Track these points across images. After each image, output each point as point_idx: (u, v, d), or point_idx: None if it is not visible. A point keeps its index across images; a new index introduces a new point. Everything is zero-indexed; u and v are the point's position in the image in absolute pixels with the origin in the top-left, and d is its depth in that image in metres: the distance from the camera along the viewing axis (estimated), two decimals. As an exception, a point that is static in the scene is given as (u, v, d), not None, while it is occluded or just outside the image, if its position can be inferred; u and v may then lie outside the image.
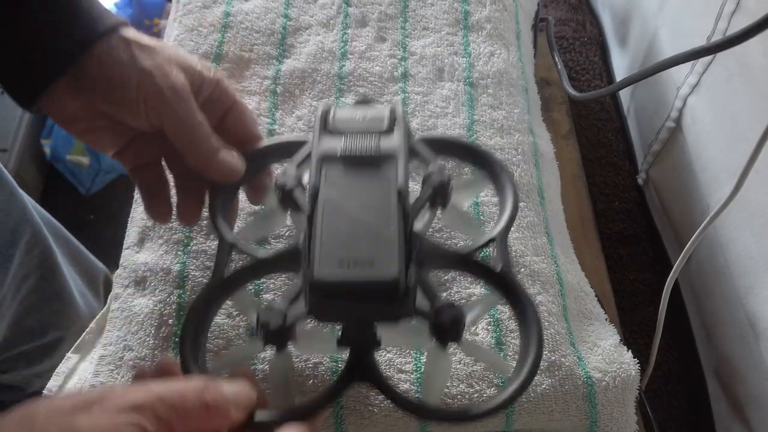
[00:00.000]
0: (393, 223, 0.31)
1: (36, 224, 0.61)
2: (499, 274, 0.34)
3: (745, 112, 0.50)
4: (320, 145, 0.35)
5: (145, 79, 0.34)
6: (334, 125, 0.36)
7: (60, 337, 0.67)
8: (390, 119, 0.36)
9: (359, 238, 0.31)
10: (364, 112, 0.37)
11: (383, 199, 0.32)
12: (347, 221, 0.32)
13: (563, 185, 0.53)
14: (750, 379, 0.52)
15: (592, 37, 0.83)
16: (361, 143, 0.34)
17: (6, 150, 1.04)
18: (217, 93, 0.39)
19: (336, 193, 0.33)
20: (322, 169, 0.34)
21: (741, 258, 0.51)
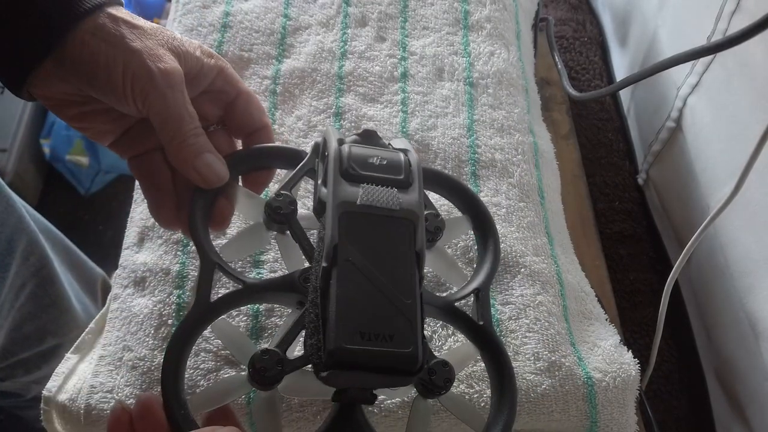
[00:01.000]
0: (412, 292, 0.31)
1: (32, 233, 0.61)
2: (480, 328, 0.34)
3: (745, 112, 0.50)
4: (338, 191, 0.32)
5: (133, 61, 0.31)
6: (351, 168, 0.33)
7: (58, 344, 0.67)
8: (406, 167, 0.34)
9: (379, 307, 0.30)
10: (381, 154, 0.35)
11: (402, 263, 0.31)
12: (366, 285, 0.30)
13: (563, 185, 0.53)
14: (750, 380, 0.52)
15: (592, 37, 0.83)
16: (382, 196, 0.33)
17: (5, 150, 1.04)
18: (220, 83, 0.36)
19: (355, 250, 0.31)
20: (341, 219, 0.32)
21: (741, 258, 0.51)
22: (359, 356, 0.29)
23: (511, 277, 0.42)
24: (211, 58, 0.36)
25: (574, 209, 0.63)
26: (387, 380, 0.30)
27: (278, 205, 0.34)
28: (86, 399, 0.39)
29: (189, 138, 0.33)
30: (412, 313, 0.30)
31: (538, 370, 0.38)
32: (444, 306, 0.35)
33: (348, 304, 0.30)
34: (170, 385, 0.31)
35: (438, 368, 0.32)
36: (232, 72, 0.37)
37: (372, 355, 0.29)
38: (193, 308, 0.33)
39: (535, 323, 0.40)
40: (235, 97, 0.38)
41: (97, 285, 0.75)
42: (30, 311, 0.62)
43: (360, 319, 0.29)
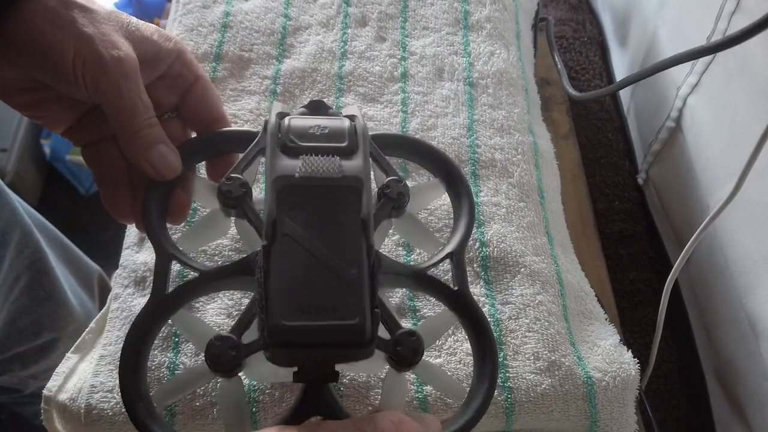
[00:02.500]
0: (357, 260, 0.29)
1: (26, 226, 0.61)
2: (456, 293, 0.33)
3: (745, 112, 0.50)
4: (275, 165, 0.31)
5: (85, 47, 0.30)
6: (289, 140, 0.32)
7: (55, 338, 0.67)
8: (350, 134, 0.33)
9: (321, 280, 0.29)
10: (322, 123, 0.33)
11: (346, 232, 0.30)
12: (308, 259, 0.29)
13: (563, 185, 0.53)
14: (750, 380, 0.52)
15: (592, 37, 0.83)
16: (321, 166, 0.31)
17: (6, 150, 1.04)
18: (177, 67, 0.35)
19: (295, 223, 0.30)
20: (279, 195, 0.31)
21: (741, 258, 0.51)
22: (298, 332, 0.28)
23: (511, 276, 0.42)
24: (168, 41, 0.35)
25: (574, 209, 0.63)
26: (335, 355, 0.29)
27: (228, 189, 0.33)
28: (86, 398, 0.39)
29: (142, 129, 0.32)
30: (358, 284, 0.29)
31: (538, 370, 0.38)
32: (414, 274, 0.33)
33: (287, 279, 0.29)
34: (128, 379, 0.30)
35: (404, 339, 0.30)
36: (191, 57, 0.36)
37: (312, 329, 0.28)
38: (149, 301, 0.32)
39: (535, 323, 0.40)
40: (193, 82, 0.36)
41: (94, 280, 0.75)
42: (25, 305, 0.62)
43: (300, 294, 0.28)
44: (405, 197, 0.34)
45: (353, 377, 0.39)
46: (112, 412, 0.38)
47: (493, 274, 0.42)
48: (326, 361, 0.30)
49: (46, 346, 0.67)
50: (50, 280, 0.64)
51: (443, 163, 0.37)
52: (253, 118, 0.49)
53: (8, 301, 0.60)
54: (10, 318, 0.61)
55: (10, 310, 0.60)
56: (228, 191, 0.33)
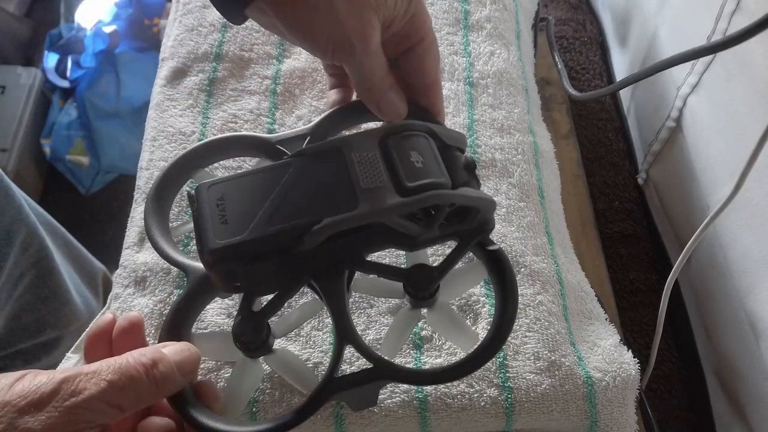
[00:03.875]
0: None
1: (31, 223, 0.61)
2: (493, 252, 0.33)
3: (745, 112, 0.50)
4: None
5: (337, 33, 0.33)
6: None
7: (58, 336, 0.67)
8: None
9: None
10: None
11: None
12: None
13: (563, 185, 0.53)
14: (750, 379, 0.52)
15: (592, 37, 0.83)
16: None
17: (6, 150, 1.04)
18: (407, 29, 0.37)
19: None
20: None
21: (741, 258, 0.51)
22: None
23: (511, 276, 0.42)
24: (409, 3, 0.36)
25: (574, 209, 0.63)
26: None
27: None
28: (87, 398, 0.39)
29: (377, 83, 0.36)
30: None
31: (538, 370, 0.38)
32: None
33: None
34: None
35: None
36: (423, 19, 0.37)
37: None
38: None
39: (535, 323, 0.40)
40: (417, 42, 0.38)
41: (99, 279, 0.75)
42: (28, 302, 0.62)
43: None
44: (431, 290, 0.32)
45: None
46: (112, 412, 0.38)
47: (494, 274, 0.42)
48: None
49: (49, 343, 0.67)
50: (54, 278, 0.64)
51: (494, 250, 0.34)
52: (253, 118, 0.49)
53: (12, 298, 0.60)
54: (13, 315, 0.61)
55: (14, 307, 0.60)
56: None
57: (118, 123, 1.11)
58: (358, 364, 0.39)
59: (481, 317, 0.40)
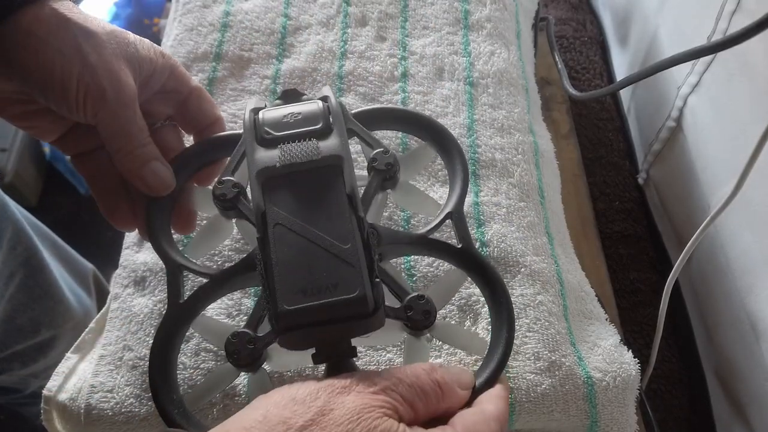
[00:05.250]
0: (350, 235, 0.30)
1: (18, 222, 0.60)
2: (460, 250, 0.33)
3: (745, 112, 0.50)
4: (255, 159, 0.32)
5: (88, 77, 0.31)
6: (265, 133, 0.33)
7: (53, 336, 0.67)
8: (324, 115, 0.34)
9: (318, 260, 0.30)
10: (294, 110, 0.34)
11: (334, 210, 0.31)
12: (302, 242, 0.30)
13: (563, 185, 0.53)
14: (750, 379, 0.52)
15: (592, 37, 0.83)
16: (299, 151, 0.32)
17: (6, 150, 1.04)
18: (172, 83, 0.36)
19: (283, 211, 0.31)
20: (263, 187, 0.32)
21: (742, 257, 0.51)
22: (302, 314, 0.29)
23: (511, 276, 0.42)
24: (163, 57, 0.36)
25: (574, 209, 0.63)
26: (344, 329, 0.30)
27: (221, 192, 0.34)
28: (86, 399, 0.39)
29: (136, 149, 0.33)
30: (353, 257, 0.30)
31: (538, 370, 0.38)
32: (417, 240, 0.34)
33: (286, 266, 0.30)
34: (160, 388, 0.32)
35: (414, 303, 0.31)
36: (183, 70, 0.37)
37: (315, 309, 0.29)
38: (167, 312, 0.34)
39: (535, 323, 0.40)
40: (187, 95, 0.38)
41: (89, 278, 0.75)
42: (22, 302, 0.61)
43: (300, 278, 0.29)
44: (394, 167, 0.34)
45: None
46: (111, 412, 0.38)
47: (494, 274, 0.42)
48: (337, 337, 0.30)
49: (45, 343, 0.66)
50: (45, 276, 0.64)
51: (428, 125, 0.38)
52: (253, 118, 0.49)
53: (4, 298, 0.60)
54: (7, 316, 0.61)
55: (6, 308, 0.60)
56: (222, 194, 0.34)
57: (118, 123, 1.10)
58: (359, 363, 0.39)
59: (481, 317, 0.40)
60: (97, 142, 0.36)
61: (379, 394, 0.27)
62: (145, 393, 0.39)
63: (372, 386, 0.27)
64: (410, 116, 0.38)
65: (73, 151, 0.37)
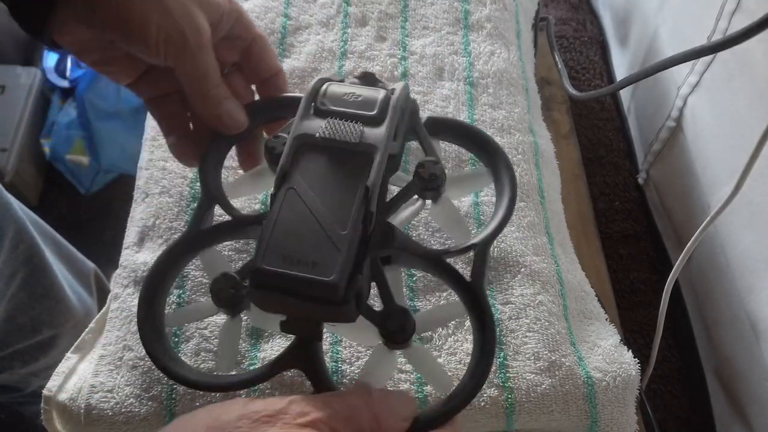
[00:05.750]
0: (349, 224, 0.30)
1: (20, 221, 0.60)
2: (469, 285, 0.32)
3: (745, 112, 0.50)
4: (301, 123, 0.33)
5: (167, 21, 0.32)
6: (321, 103, 0.34)
7: (54, 335, 0.67)
8: (382, 105, 0.34)
9: (310, 235, 0.30)
10: (357, 91, 0.35)
11: (349, 196, 0.31)
12: (305, 214, 0.31)
13: (563, 185, 0.53)
14: (750, 379, 0.52)
15: (592, 37, 0.83)
16: (343, 129, 0.33)
17: (6, 149, 1.04)
18: (237, 29, 0.37)
19: (303, 180, 0.31)
20: (298, 151, 0.32)
21: (742, 257, 0.51)
22: (273, 277, 0.29)
23: (512, 276, 0.42)
24: (230, 3, 0.36)
25: (574, 209, 0.63)
26: (311, 308, 0.30)
27: (273, 145, 0.34)
28: (86, 399, 0.39)
29: (211, 89, 0.35)
30: (343, 244, 0.30)
31: (539, 370, 0.38)
32: (430, 256, 0.33)
33: (280, 228, 0.30)
34: (148, 293, 0.33)
35: (394, 313, 0.31)
36: (248, 17, 0.38)
37: (287, 277, 0.29)
38: (183, 233, 0.34)
39: (535, 323, 0.40)
40: (251, 42, 0.38)
41: (91, 278, 0.75)
42: (23, 301, 0.61)
43: (287, 244, 0.30)
44: (438, 179, 0.34)
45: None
46: (111, 412, 0.38)
47: (494, 274, 0.42)
48: (304, 314, 0.31)
49: (46, 343, 0.66)
50: (47, 276, 0.64)
51: (494, 152, 0.37)
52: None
53: (5, 297, 0.60)
54: (8, 315, 0.61)
55: (7, 307, 0.60)
56: (272, 147, 0.34)
57: (118, 123, 1.11)
58: (358, 364, 0.39)
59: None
60: (170, 86, 0.37)
61: (307, 426, 0.26)
62: (145, 393, 0.39)
63: (302, 416, 0.26)
64: (480, 137, 0.37)
65: (148, 95, 0.38)
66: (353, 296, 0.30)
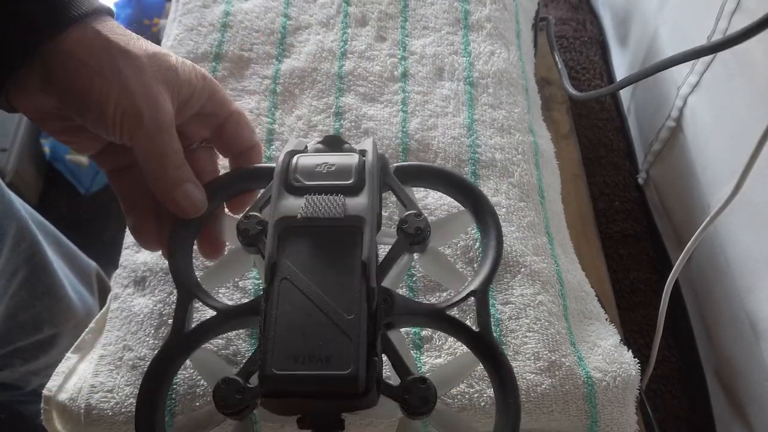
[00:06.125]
0: (355, 306, 0.29)
1: (22, 219, 0.60)
2: (478, 335, 0.31)
3: (745, 112, 0.50)
4: (279, 206, 0.31)
5: (126, 100, 0.31)
6: (295, 180, 0.32)
7: (55, 333, 0.67)
8: (358, 172, 0.32)
9: (317, 327, 0.28)
10: (330, 160, 0.33)
11: (347, 276, 0.29)
12: (305, 304, 0.29)
13: (563, 185, 0.53)
14: (750, 379, 0.52)
15: (592, 37, 0.83)
16: (324, 205, 0.31)
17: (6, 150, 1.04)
18: (210, 107, 0.36)
19: (295, 267, 0.30)
20: (281, 237, 0.31)
21: (742, 257, 0.51)
22: (288, 382, 0.27)
23: (511, 276, 0.42)
24: (204, 80, 0.35)
25: (574, 209, 0.63)
26: (329, 405, 0.28)
27: (245, 227, 0.33)
28: (86, 399, 0.39)
29: (169, 171, 0.33)
30: (353, 330, 0.28)
31: (539, 370, 0.38)
32: (433, 313, 0.32)
33: (283, 326, 0.28)
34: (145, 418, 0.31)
35: (413, 386, 0.29)
36: (223, 94, 0.37)
37: (302, 379, 0.27)
38: (168, 339, 0.32)
39: (535, 323, 0.40)
40: (225, 119, 0.37)
41: (92, 277, 0.75)
42: (24, 299, 0.61)
43: (294, 342, 0.28)
44: (424, 232, 0.33)
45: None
46: (111, 412, 0.38)
47: (494, 274, 0.42)
48: (323, 411, 0.29)
49: (47, 341, 0.66)
50: (49, 274, 0.64)
51: (471, 192, 0.36)
52: (253, 118, 0.49)
53: (7, 295, 0.60)
54: (9, 312, 0.61)
55: (9, 304, 0.60)
56: (245, 230, 0.33)
57: (118, 123, 1.10)
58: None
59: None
60: (132, 160, 0.35)
61: None
62: (145, 393, 0.39)
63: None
64: (455, 180, 0.37)
65: (109, 167, 0.37)
66: (374, 383, 0.29)
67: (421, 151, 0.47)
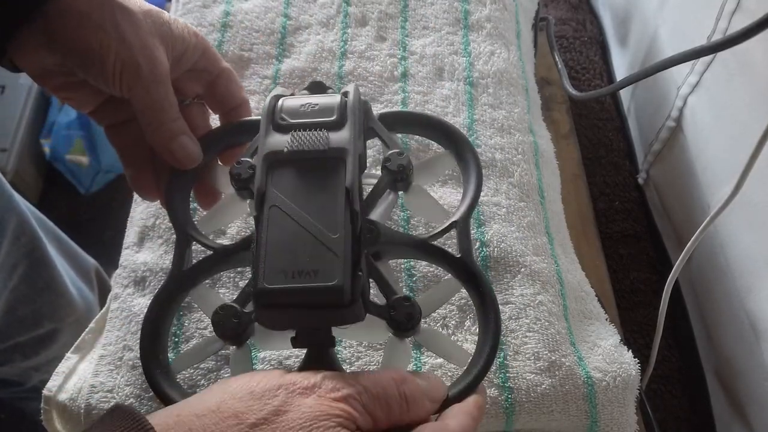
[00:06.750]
0: (339, 227, 0.31)
1: (22, 213, 0.60)
2: (459, 260, 0.34)
3: (745, 112, 0.50)
4: (266, 142, 0.34)
5: (125, 53, 0.32)
6: (281, 118, 0.35)
7: (55, 329, 0.67)
8: (340, 109, 0.35)
9: (305, 245, 0.30)
10: (313, 101, 0.36)
11: (331, 201, 0.32)
12: (293, 226, 0.31)
13: (563, 185, 0.53)
14: (750, 379, 0.52)
15: (592, 37, 0.83)
16: (309, 139, 0.33)
17: (5, 150, 1.04)
18: (203, 63, 0.38)
19: (282, 196, 0.32)
20: (269, 169, 0.33)
21: (741, 257, 0.51)
22: (279, 294, 0.30)
23: (511, 276, 0.42)
24: (196, 37, 0.37)
25: (574, 209, 0.63)
26: (319, 316, 0.30)
27: (237, 172, 0.35)
28: (86, 398, 0.39)
29: (166, 123, 0.35)
30: (338, 247, 0.30)
31: (539, 370, 0.38)
32: (417, 244, 0.35)
33: (273, 246, 0.31)
34: (147, 347, 0.33)
35: (399, 304, 0.31)
36: (214, 51, 0.39)
37: (294, 291, 0.29)
38: (168, 277, 0.35)
39: (536, 323, 0.40)
40: (217, 75, 0.39)
41: (92, 274, 0.75)
42: (24, 293, 0.62)
43: (284, 259, 0.30)
44: (407, 169, 0.35)
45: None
46: (111, 412, 0.38)
47: (494, 274, 0.42)
48: (313, 323, 0.31)
49: (47, 336, 0.66)
50: (48, 269, 0.64)
51: (451, 133, 0.38)
52: (253, 118, 0.49)
53: (7, 289, 0.60)
54: (9, 307, 0.61)
55: (9, 298, 0.60)
56: (237, 174, 0.35)
57: (118, 123, 1.10)
58: (358, 364, 0.39)
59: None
60: (130, 114, 0.37)
61: (340, 401, 0.27)
62: (146, 393, 0.39)
63: (335, 392, 0.27)
64: (433, 122, 0.39)
65: (107, 122, 0.38)
66: (359, 295, 0.31)
67: (422, 151, 0.47)
